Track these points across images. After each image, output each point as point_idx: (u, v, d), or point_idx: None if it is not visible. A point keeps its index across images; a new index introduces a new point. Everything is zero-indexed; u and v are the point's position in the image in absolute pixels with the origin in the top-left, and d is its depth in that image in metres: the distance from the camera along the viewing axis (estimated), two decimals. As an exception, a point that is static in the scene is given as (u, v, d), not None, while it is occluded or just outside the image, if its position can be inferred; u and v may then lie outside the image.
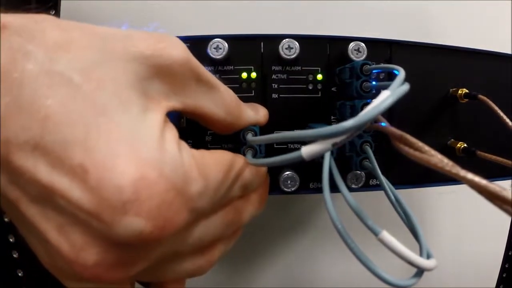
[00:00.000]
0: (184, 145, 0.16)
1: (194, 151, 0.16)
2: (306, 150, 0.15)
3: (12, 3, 0.31)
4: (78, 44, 0.14)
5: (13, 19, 0.13)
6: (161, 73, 0.16)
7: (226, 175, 0.17)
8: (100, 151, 0.13)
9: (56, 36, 0.14)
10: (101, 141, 0.13)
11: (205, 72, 0.18)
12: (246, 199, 0.20)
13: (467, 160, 0.26)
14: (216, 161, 0.17)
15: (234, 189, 0.19)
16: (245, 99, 0.22)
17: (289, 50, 0.23)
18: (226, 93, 0.19)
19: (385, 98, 0.14)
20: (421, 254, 0.17)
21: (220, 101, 0.18)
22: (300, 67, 0.24)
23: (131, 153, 0.13)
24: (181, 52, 0.16)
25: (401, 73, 0.16)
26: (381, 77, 0.25)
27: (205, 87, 0.18)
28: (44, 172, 0.13)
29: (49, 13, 0.32)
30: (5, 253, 0.33)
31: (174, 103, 0.17)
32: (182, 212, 0.14)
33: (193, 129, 0.24)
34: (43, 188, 0.13)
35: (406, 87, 0.15)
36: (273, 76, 0.24)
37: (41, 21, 0.14)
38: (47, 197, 0.13)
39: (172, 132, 0.15)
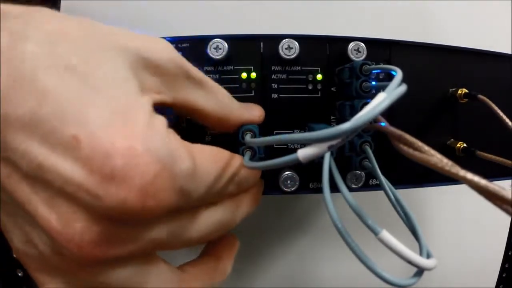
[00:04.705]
0: (172, 131, 0.16)
1: (185, 141, 0.17)
2: (302, 153, 0.15)
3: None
4: (75, 33, 0.15)
5: (13, 8, 0.14)
6: (151, 67, 0.17)
7: (221, 169, 0.18)
8: (94, 123, 0.13)
9: (55, 24, 0.15)
10: (95, 114, 0.13)
11: (194, 69, 0.19)
12: (238, 199, 0.20)
13: (467, 160, 0.26)
14: (211, 153, 0.18)
15: (228, 186, 0.19)
16: (244, 99, 0.22)
17: (289, 50, 0.23)
18: (216, 88, 0.20)
19: (381, 101, 0.14)
20: (421, 254, 0.17)
21: (210, 95, 0.19)
22: (300, 67, 0.24)
23: (122, 126, 0.14)
24: (167, 50, 0.17)
25: (398, 74, 0.16)
26: (380, 77, 0.25)
27: (194, 82, 0.19)
28: (36, 147, 0.13)
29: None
30: (5, 253, 0.33)
31: (164, 97, 0.18)
32: (167, 188, 0.14)
33: (193, 129, 0.24)
34: (34, 162, 0.13)
35: (402, 88, 0.15)
36: (273, 76, 0.24)
37: (40, 10, 0.15)
38: (38, 172, 0.14)
39: (161, 119, 0.16)
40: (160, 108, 0.20)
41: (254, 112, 0.22)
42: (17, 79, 0.13)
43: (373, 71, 0.24)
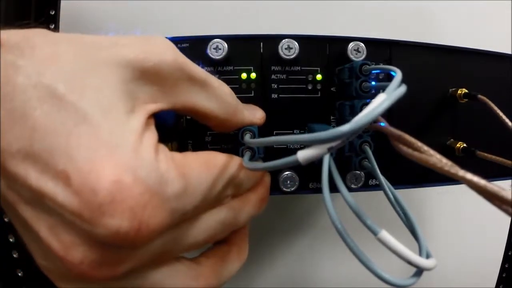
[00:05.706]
0: (162, 148, 0.16)
1: (175, 153, 0.17)
2: (302, 155, 0.15)
3: (14, 3, 0.31)
4: (64, 55, 0.15)
5: (7, 37, 0.14)
6: (147, 76, 0.16)
7: (215, 176, 0.18)
8: (80, 157, 0.14)
9: (44, 50, 0.15)
10: (81, 148, 0.14)
11: (197, 69, 0.18)
12: (243, 199, 0.20)
13: (467, 160, 0.26)
14: (202, 162, 0.17)
15: (226, 189, 0.19)
16: (244, 100, 0.22)
17: (289, 50, 0.23)
18: (221, 89, 0.19)
19: (381, 102, 0.14)
20: (420, 254, 0.17)
21: (213, 97, 0.19)
22: (299, 67, 0.24)
23: (108, 159, 0.14)
24: (167, 53, 0.17)
25: (397, 75, 0.16)
26: (380, 77, 0.25)
27: (197, 84, 0.18)
28: (34, 178, 0.14)
29: (48, 14, 0.32)
30: (5, 253, 0.33)
31: (161, 105, 0.17)
32: (159, 214, 0.15)
33: (193, 129, 0.24)
34: (33, 192, 0.14)
35: (402, 89, 0.15)
36: (273, 76, 0.24)
37: (32, 36, 0.15)
38: (38, 200, 0.14)
39: (151, 137, 0.16)
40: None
41: (256, 115, 0.22)
42: (10, 114, 0.14)
43: (373, 71, 0.24)
